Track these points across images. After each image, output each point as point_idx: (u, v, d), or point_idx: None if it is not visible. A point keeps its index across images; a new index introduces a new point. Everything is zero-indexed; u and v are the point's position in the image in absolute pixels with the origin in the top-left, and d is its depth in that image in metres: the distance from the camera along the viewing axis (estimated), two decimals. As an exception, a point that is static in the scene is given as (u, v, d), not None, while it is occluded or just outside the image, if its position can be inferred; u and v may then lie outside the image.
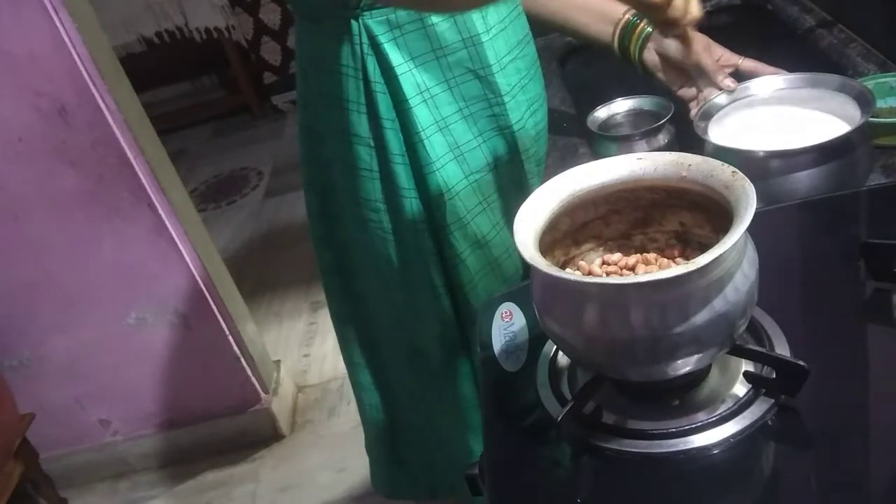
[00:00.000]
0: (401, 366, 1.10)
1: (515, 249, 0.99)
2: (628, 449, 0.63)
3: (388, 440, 1.20)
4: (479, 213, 0.96)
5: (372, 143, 0.92)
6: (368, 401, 1.18)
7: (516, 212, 0.99)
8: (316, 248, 1.06)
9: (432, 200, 0.93)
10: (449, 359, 1.03)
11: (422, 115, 0.90)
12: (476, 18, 0.89)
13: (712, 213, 0.67)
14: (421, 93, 0.89)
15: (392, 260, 0.98)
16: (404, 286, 1.00)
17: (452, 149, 0.92)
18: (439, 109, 0.91)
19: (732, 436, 0.62)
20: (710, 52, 1.03)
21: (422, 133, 0.90)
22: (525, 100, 0.97)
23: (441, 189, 0.92)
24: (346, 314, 1.11)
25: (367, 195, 0.95)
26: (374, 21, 0.85)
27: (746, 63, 1.05)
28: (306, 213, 1.05)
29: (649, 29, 1.04)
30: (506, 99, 0.94)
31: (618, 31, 1.06)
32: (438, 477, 1.18)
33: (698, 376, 0.67)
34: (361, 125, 0.92)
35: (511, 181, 0.99)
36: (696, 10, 0.79)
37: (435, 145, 0.91)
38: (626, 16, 1.05)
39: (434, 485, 1.21)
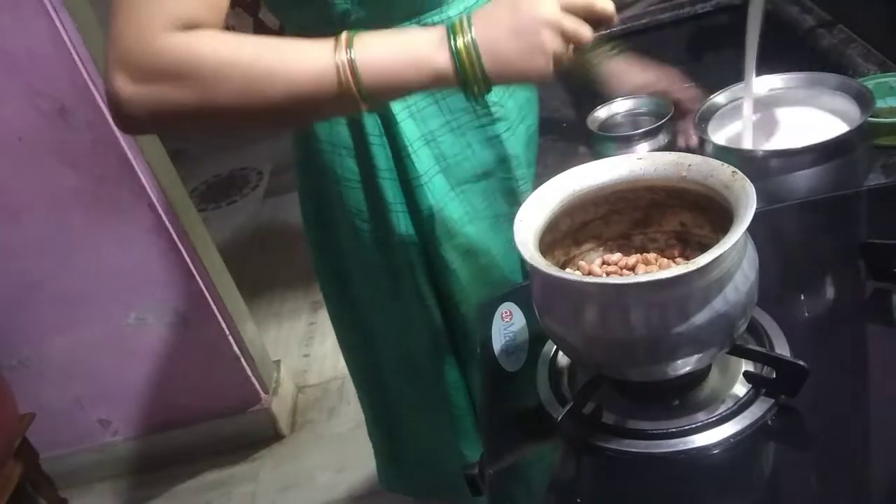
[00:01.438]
0: (394, 370, 1.10)
1: (503, 257, 0.99)
2: (628, 449, 0.63)
3: (385, 438, 1.22)
4: (468, 222, 0.96)
5: (355, 156, 0.92)
6: (366, 401, 1.20)
7: (504, 219, 0.98)
8: (312, 252, 1.06)
9: (420, 213, 0.93)
10: (440, 367, 1.04)
11: (408, 130, 0.89)
12: None
13: (712, 213, 0.67)
14: (408, 107, 0.89)
15: (382, 269, 0.98)
16: (395, 295, 1.00)
17: (439, 161, 0.92)
18: (426, 123, 0.90)
19: (732, 436, 0.62)
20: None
21: (409, 147, 0.90)
22: (514, 106, 0.96)
23: (429, 202, 0.92)
24: (342, 318, 1.11)
25: (356, 205, 0.95)
26: None
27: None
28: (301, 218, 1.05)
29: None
30: (493, 109, 0.93)
31: None
32: (435, 477, 1.18)
33: (698, 376, 0.67)
34: (346, 137, 0.92)
35: (500, 189, 0.98)
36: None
37: (422, 158, 0.91)
38: None
39: (431, 484, 1.21)
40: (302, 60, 0.69)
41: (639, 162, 0.70)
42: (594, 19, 0.71)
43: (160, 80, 0.67)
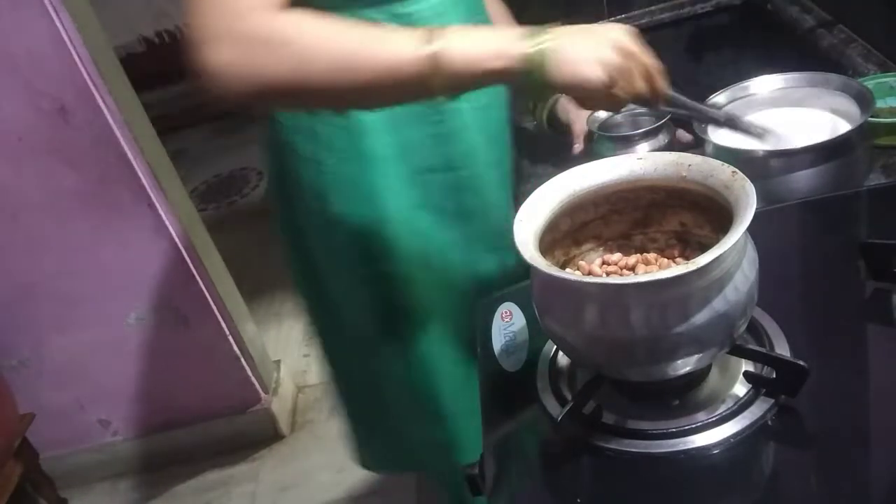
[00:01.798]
0: (351, 349, 1.13)
1: (452, 253, 1.00)
2: (628, 449, 0.63)
3: (352, 418, 1.25)
4: (420, 208, 0.97)
5: (314, 135, 0.94)
6: (333, 383, 1.25)
7: (454, 215, 0.99)
8: (281, 240, 1.08)
9: (375, 195, 0.95)
10: (390, 344, 1.05)
11: (369, 115, 0.91)
12: (434, 22, 0.89)
13: (712, 213, 0.67)
14: None
15: (338, 250, 1.00)
16: (351, 275, 1.02)
17: (396, 148, 0.94)
18: (386, 110, 0.92)
19: (732, 436, 0.62)
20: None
21: (368, 132, 0.92)
22: (469, 108, 0.97)
23: (382, 185, 0.94)
24: (312, 300, 1.14)
25: (312, 184, 0.97)
26: None
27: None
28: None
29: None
30: (453, 105, 0.92)
31: None
32: (397, 455, 1.21)
33: (698, 376, 0.67)
34: (307, 118, 0.94)
35: (455, 184, 0.99)
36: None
37: (379, 144, 0.93)
38: None
39: (394, 461, 1.26)
40: (390, 44, 0.74)
41: (639, 162, 0.70)
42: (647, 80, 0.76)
43: (258, 51, 0.72)
